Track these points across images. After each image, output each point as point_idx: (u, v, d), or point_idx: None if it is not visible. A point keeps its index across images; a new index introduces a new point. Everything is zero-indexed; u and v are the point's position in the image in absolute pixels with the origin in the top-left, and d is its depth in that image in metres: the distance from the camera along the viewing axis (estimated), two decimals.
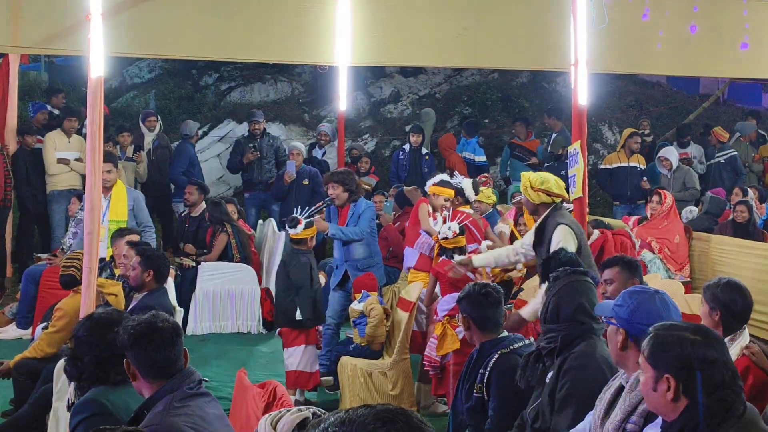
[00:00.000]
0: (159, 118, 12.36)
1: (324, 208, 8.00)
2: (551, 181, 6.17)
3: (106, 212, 8.40)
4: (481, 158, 13.38)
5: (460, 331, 6.56)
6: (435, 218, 8.10)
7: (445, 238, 7.19)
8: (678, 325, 3.04)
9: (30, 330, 8.59)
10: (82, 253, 6.20)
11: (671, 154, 12.35)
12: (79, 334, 3.92)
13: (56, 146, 11.02)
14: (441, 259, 7.27)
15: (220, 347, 8.79)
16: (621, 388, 3.59)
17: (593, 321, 4.13)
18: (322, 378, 7.56)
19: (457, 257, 6.87)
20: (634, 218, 10.49)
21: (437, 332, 7.00)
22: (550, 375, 4.14)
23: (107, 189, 8.58)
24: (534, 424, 4.13)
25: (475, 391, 4.54)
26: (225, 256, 9.55)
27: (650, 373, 2.96)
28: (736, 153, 13.57)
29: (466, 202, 8.57)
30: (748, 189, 11.74)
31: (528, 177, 6.25)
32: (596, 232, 7.95)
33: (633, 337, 3.53)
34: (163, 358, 3.53)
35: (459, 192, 8.47)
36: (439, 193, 8.25)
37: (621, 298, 3.64)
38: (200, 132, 13.91)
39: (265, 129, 12.29)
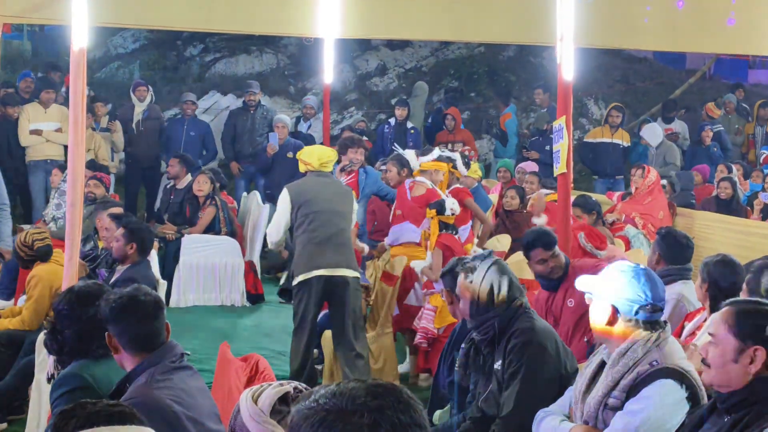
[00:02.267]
0: (150, 88, 12.24)
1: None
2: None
3: None
4: None
5: None
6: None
7: (453, 214, 7.36)
8: (760, 300, 3.16)
9: (12, 301, 8.55)
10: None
11: (649, 133, 12.47)
12: (60, 307, 3.89)
13: (30, 118, 10.94)
14: (442, 233, 7.35)
15: (204, 320, 8.78)
16: (602, 364, 3.61)
17: (521, 294, 4.24)
18: None
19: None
20: (618, 194, 10.53)
21: (436, 304, 7.01)
22: (498, 364, 4.17)
23: None
24: (491, 412, 4.17)
25: (456, 366, 4.55)
26: (211, 228, 9.50)
27: (732, 345, 2.98)
28: (722, 128, 13.62)
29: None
30: (732, 165, 11.78)
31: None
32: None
33: (620, 313, 3.54)
34: (145, 332, 3.53)
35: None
36: (440, 169, 8.30)
37: (607, 273, 3.65)
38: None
39: (259, 101, 12.24)
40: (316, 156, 6.88)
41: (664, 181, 10.63)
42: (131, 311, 3.53)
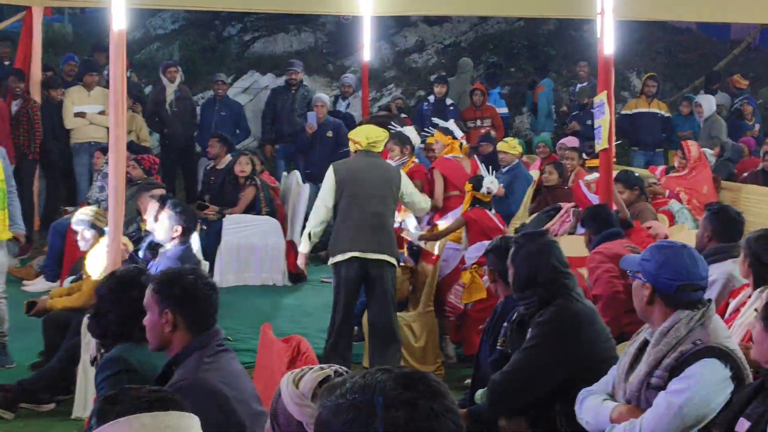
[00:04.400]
0: (180, 68, 12.28)
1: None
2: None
3: None
4: (503, 110, 13.26)
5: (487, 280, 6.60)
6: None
7: (488, 193, 7.44)
8: None
9: (58, 283, 8.67)
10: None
11: (705, 101, 12.31)
12: (102, 291, 3.94)
13: (74, 101, 11.05)
14: (473, 207, 7.40)
15: (245, 300, 8.84)
16: (645, 343, 3.58)
17: (565, 277, 4.19)
18: None
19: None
20: (660, 168, 10.40)
21: (465, 280, 7.03)
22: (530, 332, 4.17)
23: None
24: None
25: (499, 344, 4.54)
26: (252, 208, 9.54)
27: None
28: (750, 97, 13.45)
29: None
30: None
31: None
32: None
33: (660, 292, 3.51)
34: (205, 313, 3.54)
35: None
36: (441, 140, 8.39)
37: (648, 252, 3.61)
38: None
39: (301, 80, 12.24)
40: (364, 135, 6.81)
41: (707, 152, 10.50)
42: (192, 294, 3.54)
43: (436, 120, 8.97)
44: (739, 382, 3.36)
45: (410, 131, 8.48)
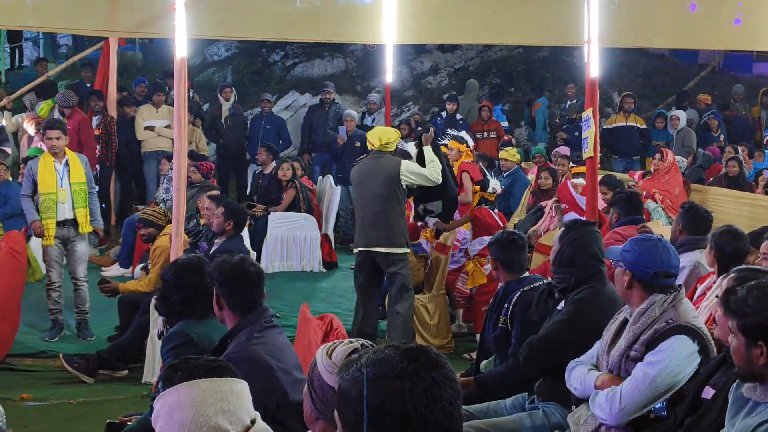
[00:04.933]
0: (234, 89, 12.33)
1: None
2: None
3: (64, 176, 7.00)
4: (504, 123, 13.22)
5: (487, 268, 6.61)
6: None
7: (494, 193, 7.51)
8: (758, 269, 3.31)
9: (131, 269, 8.74)
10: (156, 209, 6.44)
11: (681, 115, 12.39)
12: (167, 277, 3.95)
13: (144, 117, 11.17)
14: (480, 206, 7.42)
15: (287, 284, 8.86)
16: (625, 321, 3.56)
17: (602, 264, 4.08)
18: None
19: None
20: (638, 173, 10.33)
21: (468, 269, 7.04)
22: (561, 305, 4.10)
23: (58, 154, 7.03)
24: None
25: (500, 322, 4.52)
26: (293, 207, 9.58)
27: None
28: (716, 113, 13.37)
29: None
30: (738, 146, 11.48)
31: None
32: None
33: (638, 278, 3.49)
34: (248, 296, 3.54)
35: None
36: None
37: (629, 244, 3.59)
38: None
39: (334, 99, 12.26)
40: (377, 136, 6.72)
41: (680, 159, 10.43)
42: (240, 278, 3.54)
43: (449, 131, 8.91)
44: (705, 355, 3.33)
45: (410, 147, 8.48)
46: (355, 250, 6.82)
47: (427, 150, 6.87)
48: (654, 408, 3.32)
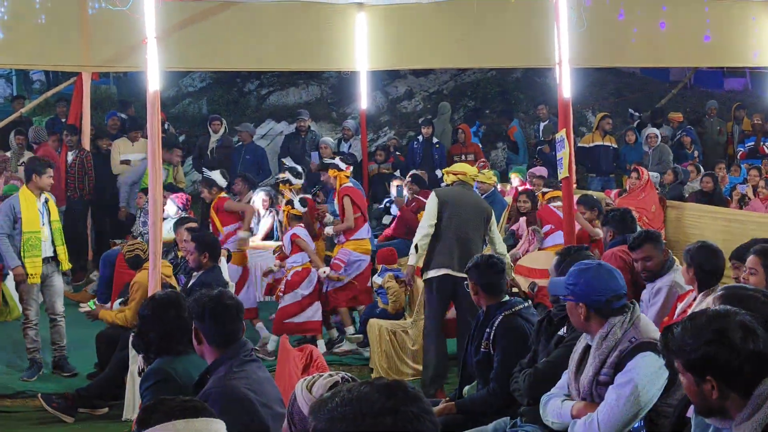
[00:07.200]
0: (223, 121, 12.26)
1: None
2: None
3: (44, 214, 7.06)
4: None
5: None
6: None
7: None
8: (744, 286, 3.28)
9: (109, 304, 8.62)
10: (139, 240, 6.29)
11: (657, 132, 12.51)
12: (145, 312, 3.90)
13: (120, 150, 11.13)
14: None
15: (268, 314, 8.77)
16: (588, 347, 3.58)
17: None
18: (353, 336, 7.63)
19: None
20: (615, 191, 10.40)
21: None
22: (563, 331, 4.06)
23: (42, 193, 7.12)
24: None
25: (482, 347, 4.50)
26: (271, 236, 9.51)
27: None
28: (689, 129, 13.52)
29: None
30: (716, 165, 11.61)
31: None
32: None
33: (593, 308, 3.50)
34: (227, 331, 3.49)
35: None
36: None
37: (573, 277, 3.57)
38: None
39: (309, 126, 12.25)
40: (466, 169, 6.86)
41: (654, 175, 10.52)
42: (218, 312, 3.49)
43: (326, 160, 8.81)
44: (672, 368, 3.33)
45: (216, 175, 8.54)
46: (434, 273, 6.47)
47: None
48: (632, 428, 3.32)
